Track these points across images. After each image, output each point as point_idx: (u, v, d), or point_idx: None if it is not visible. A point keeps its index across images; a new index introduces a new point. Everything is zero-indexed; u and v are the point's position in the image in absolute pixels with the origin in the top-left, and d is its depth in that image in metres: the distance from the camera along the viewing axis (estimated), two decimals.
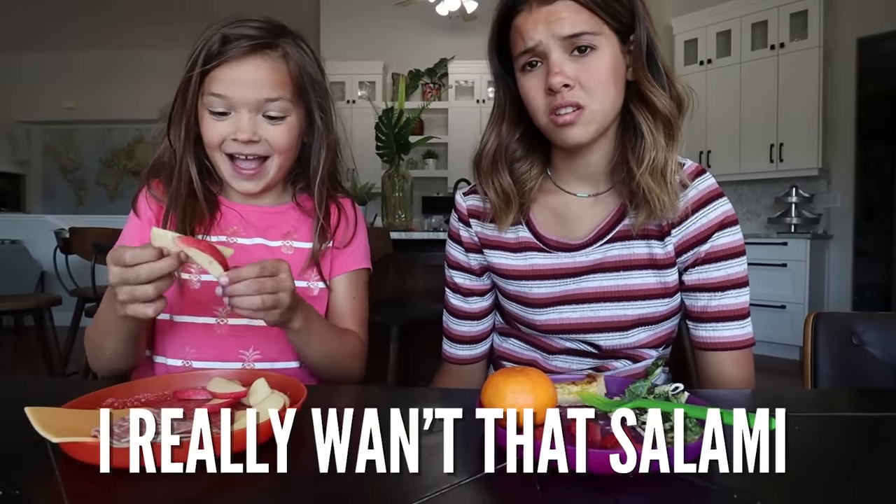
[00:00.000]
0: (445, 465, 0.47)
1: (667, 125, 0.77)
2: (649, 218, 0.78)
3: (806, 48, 4.09)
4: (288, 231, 0.91)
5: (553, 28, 0.72)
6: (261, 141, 0.82)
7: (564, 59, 0.73)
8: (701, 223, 0.80)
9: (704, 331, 0.82)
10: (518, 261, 0.87)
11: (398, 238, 2.16)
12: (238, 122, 0.81)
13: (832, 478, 0.46)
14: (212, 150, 0.84)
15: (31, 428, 0.45)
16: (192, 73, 0.80)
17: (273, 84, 0.81)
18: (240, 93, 0.80)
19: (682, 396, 0.55)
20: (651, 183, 0.75)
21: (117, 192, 7.27)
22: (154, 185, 0.89)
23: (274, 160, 0.85)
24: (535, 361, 0.91)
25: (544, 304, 0.86)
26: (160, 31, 6.21)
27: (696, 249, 0.81)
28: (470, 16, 4.73)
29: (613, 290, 0.82)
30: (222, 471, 0.45)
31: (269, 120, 0.82)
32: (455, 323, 0.97)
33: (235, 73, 0.80)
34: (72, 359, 2.80)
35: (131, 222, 0.90)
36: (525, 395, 0.51)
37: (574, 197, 0.86)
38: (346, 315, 0.94)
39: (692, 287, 0.83)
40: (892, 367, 0.90)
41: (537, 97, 0.76)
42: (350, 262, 0.95)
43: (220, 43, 0.79)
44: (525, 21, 0.74)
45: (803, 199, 4.17)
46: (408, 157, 2.92)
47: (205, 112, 0.82)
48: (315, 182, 0.90)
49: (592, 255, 0.83)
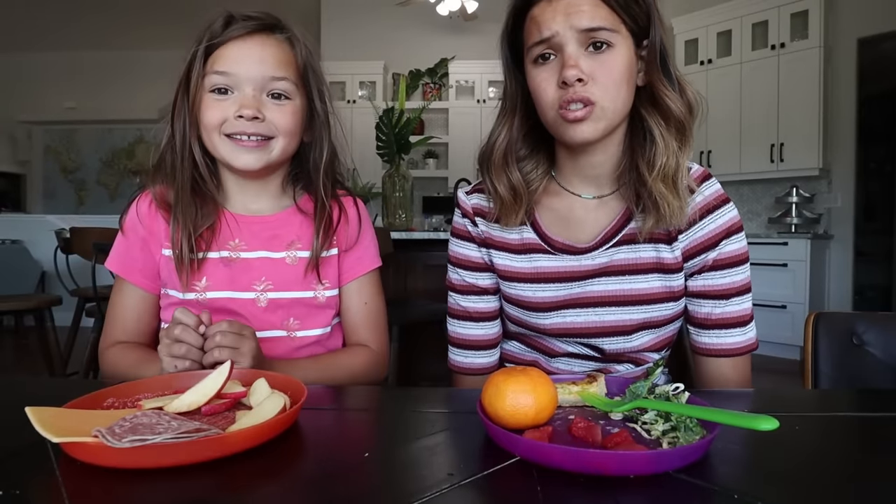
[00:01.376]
0: (445, 465, 0.47)
1: (679, 130, 0.76)
2: (657, 224, 0.77)
3: (806, 48, 4.09)
4: (292, 241, 0.89)
5: (572, 19, 0.71)
6: (265, 121, 0.80)
7: (580, 53, 0.72)
8: (709, 229, 0.79)
9: (707, 338, 0.82)
10: (522, 263, 0.86)
11: (399, 238, 2.16)
12: (242, 99, 0.79)
13: (832, 478, 0.46)
14: (210, 131, 0.81)
15: (32, 428, 0.45)
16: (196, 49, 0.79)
17: (279, 62, 0.80)
18: (244, 69, 0.79)
19: (682, 397, 0.55)
20: (663, 188, 0.75)
21: (118, 192, 7.28)
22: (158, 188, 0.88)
23: (278, 141, 0.83)
24: (536, 363, 0.90)
25: (548, 307, 0.84)
26: (161, 31, 6.21)
27: (704, 256, 0.80)
28: (470, 16, 4.73)
29: (619, 294, 0.81)
30: (223, 471, 0.45)
31: (274, 100, 0.81)
32: (465, 327, 0.92)
33: (240, 49, 0.79)
34: (72, 359, 2.81)
35: (118, 241, 0.88)
36: (526, 395, 0.51)
37: (579, 199, 0.84)
38: (359, 325, 0.93)
39: (697, 293, 0.82)
40: (893, 368, 0.90)
41: (548, 90, 0.74)
42: (359, 266, 0.93)
43: (224, 22, 0.78)
44: (543, 11, 0.73)
45: (804, 199, 4.17)
46: (408, 157, 2.93)
47: (205, 95, 0.80)
48: (318, 179, 0.89)
49: (599, 258, 0.82)
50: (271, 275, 0.87)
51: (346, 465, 0.48)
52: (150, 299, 0.89)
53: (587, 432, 0.51)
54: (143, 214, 0.87)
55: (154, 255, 0.87)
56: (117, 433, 0.45)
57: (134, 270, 0.87)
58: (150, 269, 0.88)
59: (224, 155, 0.83)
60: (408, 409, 0.63)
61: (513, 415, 0.51)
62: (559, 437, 0.51)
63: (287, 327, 0.88)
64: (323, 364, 0.86)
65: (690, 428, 0.50)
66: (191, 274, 0.84)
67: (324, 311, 0.90)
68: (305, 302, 0.88)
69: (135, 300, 0.88)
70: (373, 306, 0.94)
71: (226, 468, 0.46)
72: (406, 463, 0.48)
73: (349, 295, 0.93)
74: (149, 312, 0.89)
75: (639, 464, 0.44)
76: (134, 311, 0.88)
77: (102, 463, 0.45)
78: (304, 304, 0.88)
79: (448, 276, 0.94)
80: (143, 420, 0.48)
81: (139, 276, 0.87)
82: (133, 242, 0.87)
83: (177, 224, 0.83)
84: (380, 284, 0.97)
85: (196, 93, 0.81)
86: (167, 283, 0.87)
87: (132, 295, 0.88)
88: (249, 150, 0.81)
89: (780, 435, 0.55)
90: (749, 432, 0.56)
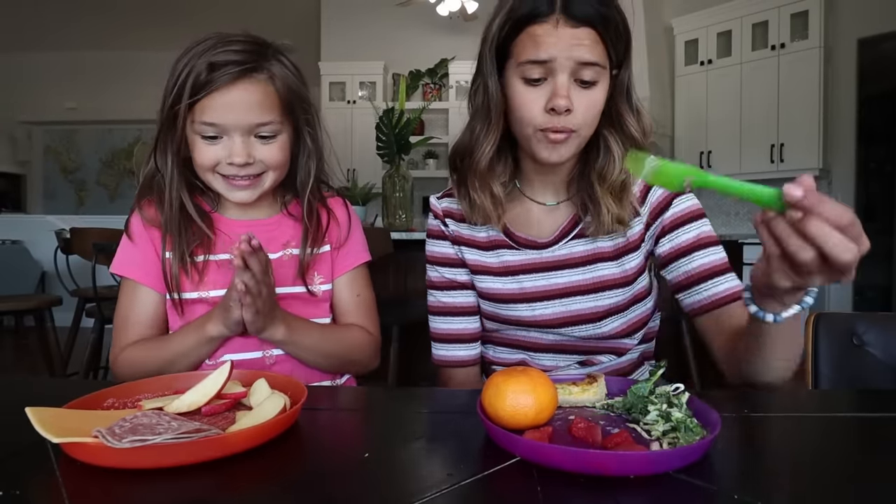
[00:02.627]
0: (445, 465, 0.47)
1: None
2: (597, 231, 0.83)
3: (806, 48, 4.09)
4: (286, 241, 0.92)
5: (573, 51, 0.72)
6: (255, 162, 0.83)
7: (571, 84, 0.74)
8: (658, 194, 0.85)
9: (698, 294, 0.82)
10: (490, 258, 0.90)
11: (398, 238, 2.16)
12: (231, 146, 0.81)
13: (832, 478, 0.46)
14: (204, 171, 0.84)
15: (32, 428, 0.45)
16: (179, 105, 0.79)
17: (263, 108, 0.81)
18: (232, 118, 0.80)
19: (682, 397, 0.55)
20: (609, 199, 0.81)
21: (118, 193, 7.28)
22: (145, 207, 0.88)
23: (269, 175, 0.86)
24: (522, 363, 0.93)
25: (517, 299, 0.88)
26: (161, 32, 6.21)
27: (659, 219, 0.85)
28: (470, 16, 4.73)
29: (581, 284, 0.86)
30: (223, 471, 0.45)
31: (262, 140, 0.83)
32: (447, 322, 0.95)
33: (225, 98, 0.79)
34: (72, 359, 2.80)
35: (125, 246, 0.89)
36: (526, 396, 0.51)
37: (536, 204, 0.90)
38: (352, 313, 0.96)
39: (669, 257, 0.85)
40: (893, 368, 0.90)
41: (534, 110, 0.76)
42: (349, 261, 0.96)
43: (207, 71, 0.78)
44: (546, 33, 0.73)
45: None
46: (408, 157, 2.92)
47: (195, 137, 0.82)
48: (304, 194, 0.91)
49: (559, 251, 0.87)
50: None
51: (345, 465, 0.48)
52: (162, 301, 0.89)
53: (587, 433, 0.51)
54: (152, 218, 0.88)
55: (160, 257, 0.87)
56: (117, 433, 0.45)
57: (147, 272, 0.87)
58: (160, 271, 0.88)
59: (219, 190, 0.86)
60: (408, 409, 0.63)
61: (513, 415, 0.51)
62: (559, 438, 0.51)
63: None
64: (328, 330, 0.91)
65: (690, 428, 0.50)
66: (192, 278, 0.86)
67: (319, 305, 0.94)
68: (302, 297, 0.91)
69: (148, 302, 0.88)
70: (364, 297, 0.98)
71: (226, 468, 0.46)
72: (406, 463, 0.48)
73: (341, 288, 0.96)
74: (163, 315, 0.89)
75: (639, 464, 0.44)
76: (148, 313, 0.88)
77: (102, 463, 0.45)
78: (300, 298, 0.91)
79: (427, 275, 0.98)
80: (144, 420, 0.48)
81: (153, 278, 0.87)
82: (141, 245, 0.87)
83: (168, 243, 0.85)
84: (369, 278, 1.01)
85: (182, 136, 0.83)
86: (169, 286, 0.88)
87: (145, 298, 0.88)
88: (243, 188, 0.85)
89: (780, 435, 0.55)
90: (749, 433, 0.56)
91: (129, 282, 0.88)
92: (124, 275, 0.88)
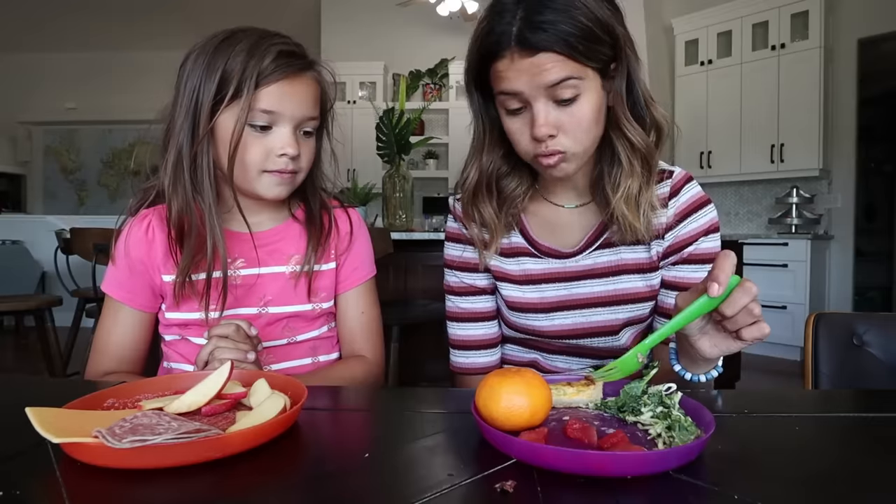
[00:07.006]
0: (445, 465, 0.47)
1: (644, 159, 0.77)
2: (622, 239, 0.81)
3: (807, 49, 4.09)
4: (291, 254, 0.90)
5: (536, 80, 0.69)
6: (300, 156, 0.83)
7: (549, 107, 0.71)
8: (689, 229, 0.82)
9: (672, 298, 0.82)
10: (511, 266, 0.88)
11: (399, 238, 2.16)
12: (283, 137, 0.80)
13: (832, 478, 0.46)
14: (250, 167, 0.80)
15: (32, 428, 0.45)
16: (238, 97, 0.76)
17: (314, 102, 0.84)
18: (289, 108, 0.80)
19: (675, 396, 0.55)
20: (625, 210, 0.78)
21: (118, 193, 7.28)
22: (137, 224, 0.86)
23: (301, 174, 0.86)
24: (535, 363, 0.92)
25: (538, 309, 0.86)
26: (161, 31, 6.22)
27: (681, 252, 0.83)
28: (471, 16, 4.73)
29: (605, 295, 0.84)
30: (223, 471, 0.45)
31: (304, 136, 0.84)
32: (465, 328, 0.93)
33: (285, 88, 0.79)
34: (72, 359, 2.81)
35: (115, 269, 0.86)
36: (520, 397, 0.51)
37: (562, 208, 0.87)
38: (357, 335, 0.95)
39: (667, 285, 0.84)
40: (893, 368, 0.90)
41: (522, 140, 0.75)
42: (354, 277, 0.95)
43: (274, 59, 0.78)
44: (507, 69, 0.71)
45: (804, 199, 4.17)
46: (408, 157, 2.93)
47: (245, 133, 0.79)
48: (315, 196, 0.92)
49: (583, 261, 0.85)
50: (272, 290, 0.89)
51: (345, 465, 0.48)
52: (147, 319, 0.88)
53: (583, 433, 0.50)
54: (139, 241, 0.85)
55: (154, 279, 0.86)
56: (117, 434, 0.45)
57: (134, 296, 0.86)
58: (150, 292, 0.87)
59: (260, 189, 0.83)
60: (408, 409, 0.63)
61: (507, 417, 0.50)
62: (555, 439, 0.51)
63: (285, 335, 0.91)
64: (320, 377, 0.87)
65: (686, 427, 0.50)
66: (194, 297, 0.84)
67: (321, 319, 0.93)
68: (304, 315, 0.91)
69: (131, 325, 0.86)
70: (369, 316, 0.97)
71: (226, 468, 0.46)
72: (406, 463, 0.48)
73: (346, 304, 0.95)
74: (145, 338, 0.88)
75: (634, 464, 0.44)
76: (129, 336, 0.86)
77: (102, 463, 0.45)
78: (302, 316, 0.91)
79: (446, 280, 0.95)
80: (144, 420, 0.48)
81: (140, 300, 0.86)
82: (130, 269, 0.85)
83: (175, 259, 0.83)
84: (375, 293, 0.99)
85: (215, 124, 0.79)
86: (170, 306, 0.87)
87: (128, 321, 0.86)
88: (283, 183, 0.84)
89: (780, 435, 0.55)
90: (749, 432, 0.56)
91: (112, 301, 0.87)
92: (112, 295, 0.86)
